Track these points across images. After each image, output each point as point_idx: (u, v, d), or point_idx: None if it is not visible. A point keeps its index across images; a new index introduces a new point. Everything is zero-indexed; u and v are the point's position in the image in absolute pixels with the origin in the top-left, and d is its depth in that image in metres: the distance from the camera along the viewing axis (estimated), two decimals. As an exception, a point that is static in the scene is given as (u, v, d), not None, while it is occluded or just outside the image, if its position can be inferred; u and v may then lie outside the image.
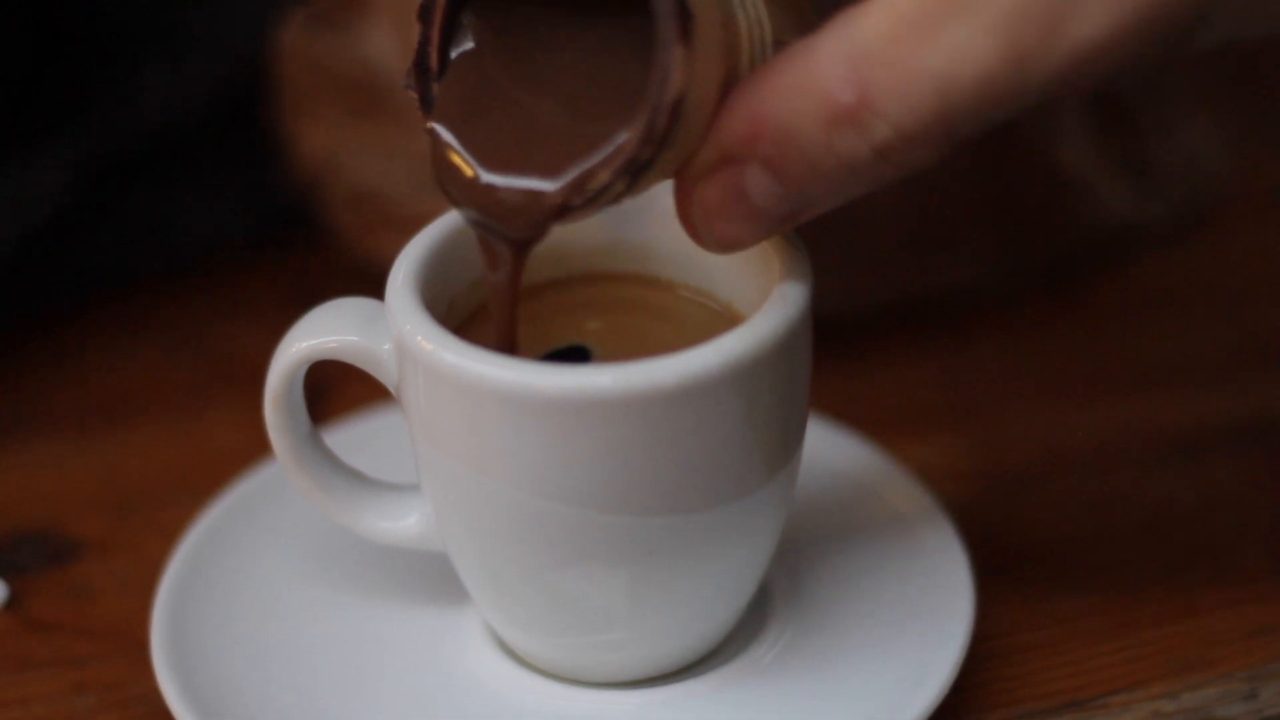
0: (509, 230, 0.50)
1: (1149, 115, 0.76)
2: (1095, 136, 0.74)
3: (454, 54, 0.51)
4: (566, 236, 0.56)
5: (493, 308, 0.52)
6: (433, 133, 0.50)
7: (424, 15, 0.50)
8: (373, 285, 0.56)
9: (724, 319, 0.55)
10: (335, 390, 0.66)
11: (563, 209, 0.49)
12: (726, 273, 0.55)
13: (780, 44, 0.49)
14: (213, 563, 0.59)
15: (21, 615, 0.62)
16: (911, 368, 0.71)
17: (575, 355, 0.55)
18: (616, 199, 0.49)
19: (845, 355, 0.69)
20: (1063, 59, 0.45)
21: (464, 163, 0.50)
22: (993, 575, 0.59)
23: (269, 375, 0.55)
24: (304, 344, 0.54)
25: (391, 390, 0.54)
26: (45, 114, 0.73)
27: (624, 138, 0.48)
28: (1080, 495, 0.65)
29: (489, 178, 0.50)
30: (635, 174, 0.48)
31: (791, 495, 0.55)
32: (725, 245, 0.50)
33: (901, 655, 0.56)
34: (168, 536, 0.61)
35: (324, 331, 0.54)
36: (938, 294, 0.73)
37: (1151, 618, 0.60)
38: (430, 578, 0.58)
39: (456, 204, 0.50)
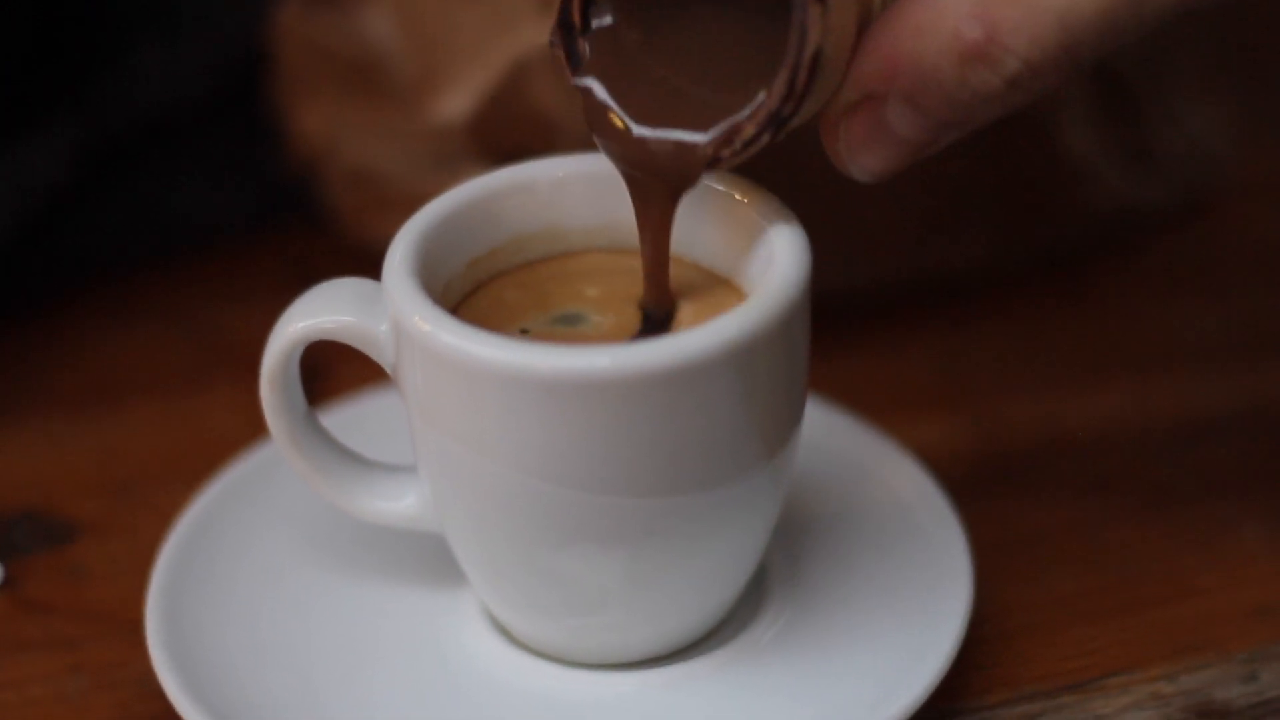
0: (664, 179, 0.52)
1: (1151, 101, 0.76)
2: (1098, 121, 0.74)
3: (594, 11, 0.52)
4: (562, 215, 0.56)
5: (644, 255, 0.54)
6: (586, 91, 0.52)
7: None
8: (370, 266, 0.56)
9: (726, 286, 0.55)
10: (331, 372, 0.66)
11: (714, 160, 0.51)
12: (725, 249, 0.55)
13: None
14: (208, 544, 0.59)
15: (17, 596, 0.62)
16: (911, 350, 0.71)
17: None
18: (760, 149, 0.51)
19: (845, 337, 0.69)
20: None
21: (618, 118, 0.52)
22: (991, 557, 0.59)
23: (265, 355, 0.55)
24: (301, 324, 0.54)
25: (388, 371, 0.54)
26: (43, 96, 0.73)
27: (766, 94, 0.50)
28: (1079, 477, 0.65)
29: (642, 131, 0.52)
30: (779, 126, 0.50)
31: (790, 476, 0.55)
32: (872, 174, 0.52)
33: (900, 637, 0.55)
34: (163, 518, 0.61)
35: (321, 312, 0.54)
36: (938, 276, 0.73)
37: (1150, 600, 0.60)
38: (426, 559, 0.58)
39: (613, 157, 0.53)
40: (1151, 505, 0.63)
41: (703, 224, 0.55)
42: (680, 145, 0.52)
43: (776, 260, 0.52)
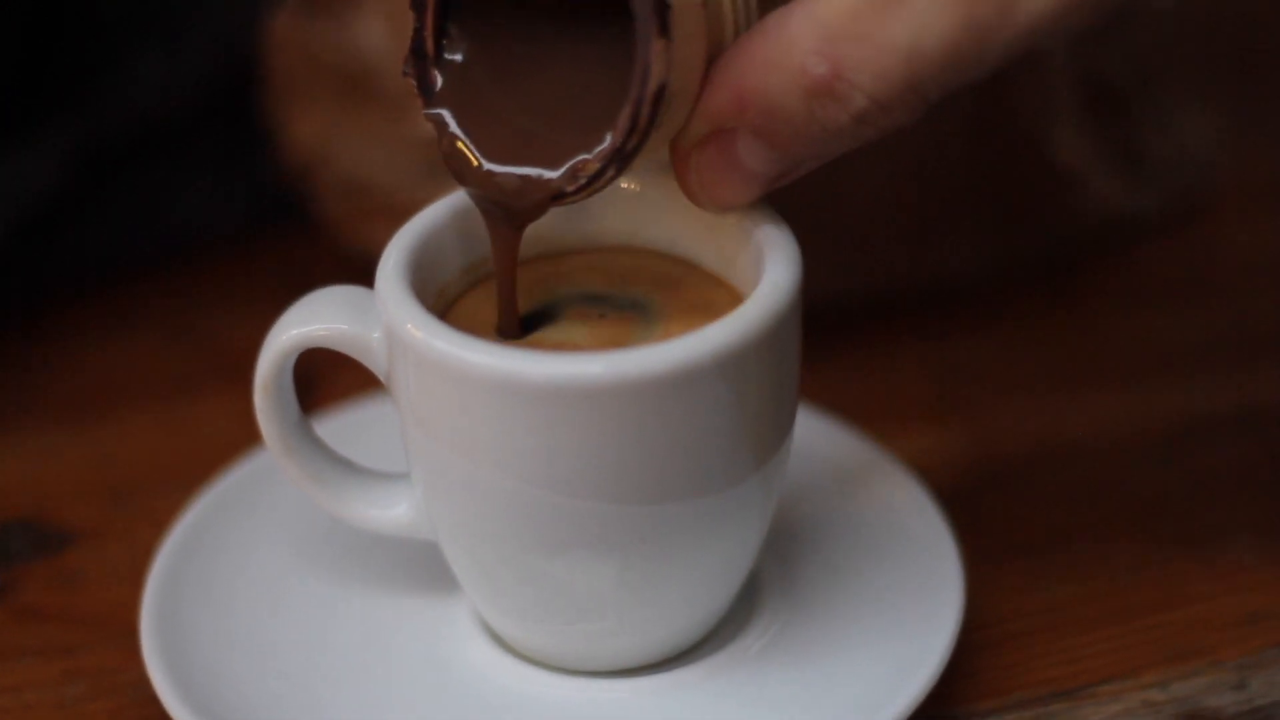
0: (509, 211, 0.53)
1: (1142, 106, 0.76)
2: (1089, 127, 0.74)
3: (448, 43, 0.52)
4: (551, 220, 0.56)
5: (495, 277, 0.54)
6: (436, 120, 0.53)
7: (416, 5, 0.52)
8: (363, 274, 0.56)
9: (717, 284, 0.55)
10: (324, 381, 0.66)
11: (559, 194, 0.51)
12: (717, 255, 0.55)
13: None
14: (203, 551, 0.59)
15: (12, 603, 0.62)
16: (903, 358, 0.71)
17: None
18: (609, 183, 0.51)
19: (836, 345, 0.69)
20: (1020, 30, 0.48)
21: (468, 150, 0.52)
22: (982, 564, 0.59)
23: (259, 362, 0.55)
24: (294, 331, 0.54)
25: (381, 378, 0.54)
26: (38, 101, 0.73)
27: (611, 130, 0.50)
28: (1071, 485, 0.65)
29: (490, 165, 0.52)
30: (624, 161, 0.50)
31: (781, 484, 0.55)
32: (724, 205, 0.52)
33: (891, 644, 0.56)
34: (159, 525, 0.61)
35: (314, 319, 0.54)
36: (930, 284, 0.73)
37: (1141, 607, 0.60)
38: (419, 566, 0.58)
39: (463, 186, 0.53)
40: (1142, 512, 0.64)
41: (693, 227, 0.55)
42: (526, 179, 0.52)
43: (767, 267, 0.52)
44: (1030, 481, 0.65)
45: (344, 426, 0.62)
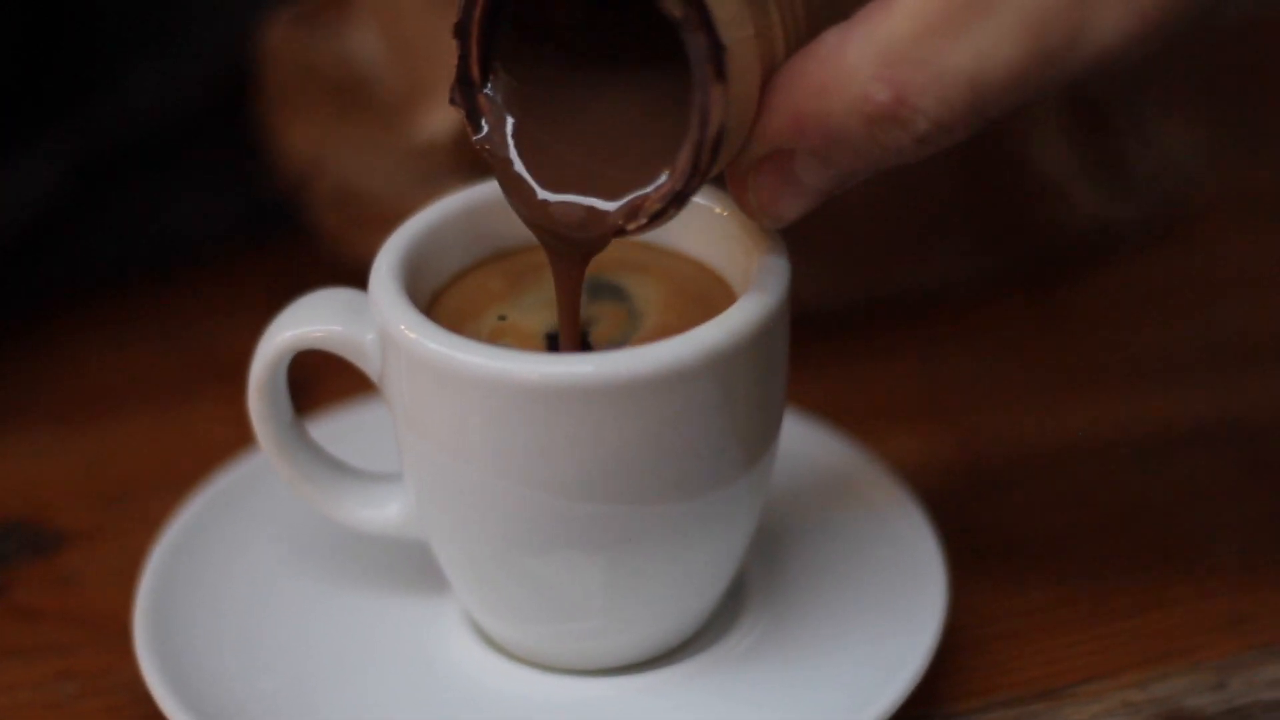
0: (570, 243, 0.52)
1: (1124, 118, 0.76)
2: (1071, 139, 0.75)
3: (494, 72, 0.52)
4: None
5: (558, 307, 0.54)
6: (489, 150, 0.52)
7: (460, 32, 0.51)
8: (357, 282, 0.56)
9: (713, 279, 0.56)
10: (318, 385, 0.67)
11: (619, 230, 0.51)
12: (711, 257, 0.56)
13: (812, 11, 0.51)
14: (196, 552, 0.60)
15: (7, 604, 0.62)
16: (888, 363, 0.72)
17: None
18: (668, 220, 0.51)
19: (823, 350, 0.70)
20: (1088, 58, 0.47)
21: (525, 179, 0.52)
22: (966, 566, 0.59)
23: (253, 363, 0.55)
24: (289, 333, 0.55)
25: (374, 380, 0.55)
26: (34, 110, 0.73)
27: (670, 170, 0.50)
28: (1053, 489, 0.66)
29: (547, 195, 0.52)
30: (685, 200, 0.50)
31: (768, 486, 0.56)
32: (781, 220, 0.52)
33: (875, 644, 0.56)
34: (152, 527, 0.61)
35: (308, 321, 0.55)
36: (915, 291, 0.74)
37: (1122, 609, 0.60)
38: (411, 567, 0.59)
39: (521, 217, 0.53)
40: (1124, 517, 0.64)
41: (686, 228, 0.56)
42: (589, 212, 0.51)
43: (758, 269, 0.53)
44: (1014, 486, 0.66)
45: (337, 428, 0.62)
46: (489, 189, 0.57)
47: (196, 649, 0.57)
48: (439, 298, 0.56)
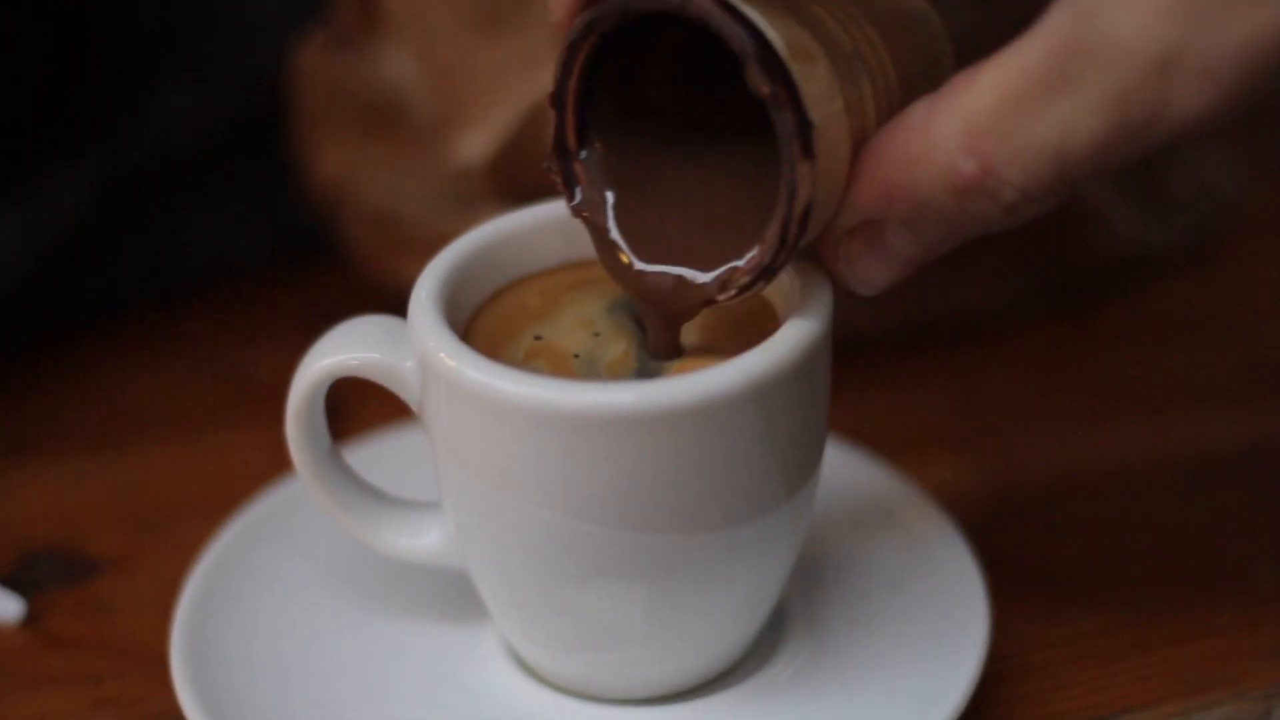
0: (662, 310, 0.53)
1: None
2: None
3: (589, 142, 0.53)
4: (581, 252, 0.56)
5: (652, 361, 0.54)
6: (588, 220, 0.53)
7: (557, 101, 0.52)
8: (389, 306, 0.56)
9: (758, 299, 0.56)
10: (352, 410, 0.67)
11: (710, 301, 0.52)
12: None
13: (905, 80, 0.52)
14: (232, 579, 0.60)
15: (40, 632, 0.62)
16: (927, 390, 0.72)
17: None
18: (759, 291, 0.52)
19: (862, 377, 0.70)
20: (1171, 130, 0.47)
21: (620, 250, 0.53)
22: (1007, 595, 0.59)
23: (291, 391, 0.55)
24: (327, 361, 0.54)
25: (413, 407, 0.54)
26: (66, 135, 0.73)
27: (759, 243, 0.51)
28: (1093, 516, 0.65)
29: (642, 265, 0.53)
30: (774, 273, 0.51)
31: (809, 514, 0.55)
32: (873, 287, 0.53)
33: (917, 674, 0.56)
34: (186, 553, 0.61)
35: (346, 348, 0.55)
36: (954, 317, 0.74)
37: (1164, 637, 0.60)
38: (449, 595, 0.59)
39: (618, 282, 0.54)
40: (1165, 544, 0.64)
41: None
42: (681, 282, 0.53)
43: (800, 296, 0.53)
44: (1053, 513, 0.65)
45: (374, 456, 0.62)
46: (525, 214, 0.57)
47: (233, 678, 0.56)
48: (476, 317, 0.56)
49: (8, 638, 0.62)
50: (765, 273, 0.51)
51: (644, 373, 0.54)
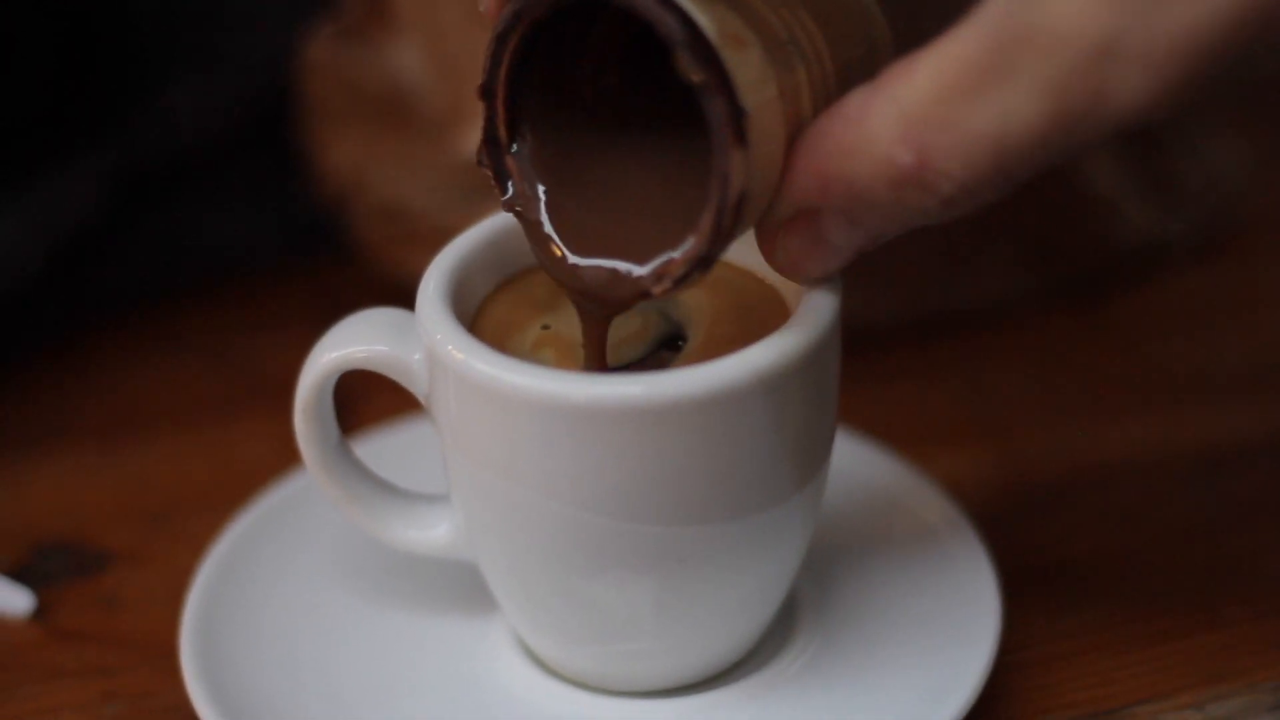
0: (597, 303, 0.53)
1: (1172, 134, 0.76)
2: (1119, 155, 0.75)
3: (520, 133, 0.52)
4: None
5: (585, 352, 0.54)
6: (517, 212, 0.53)
7: (486, 92, 0.51)
8: (399, 299, 0.56)
9: (766, 290, 0.56)
10: (361, 403, 0.67)
11: (645, 294, 0.51)
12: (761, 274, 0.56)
13: (842, 67, 0.51)
14: (242, 572, 0.60)
15: (50, 625, 0.62)
16: (938, 381, 0.71)
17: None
18: (695, 283, 0.51)
19: (873, 368, 0.69)
20: (1111, 119, 0.46)
21: (553, 243, 0.52)
22: (1018, 586, 0.59)
23: (299, 384, 0.55)
24: (335, 353, 0.54)
25: (421, 400, 0.54)
26: (76, 129, 0.74)
27: (694, 234, 0.50)
28: (1105, 508, 0.65)
29: (575, 259, 0.52)
30: (709, 263, 0.50)
31: (819, 506, 0.55)
32: (810, 277, 0.52)
33: (928, 666, 0.56)
34: (196, 547, 0.61)
35: (354, 341, 0.54)
36: (964, 309, 0.73)
37: (1177, 629, 0.60)
38: (459, 587, 0.58)
39: (551, 276, 0.53)
40: (1177, 535, 0.64)
41: (740, 240, 0.55)
42: (615, 274, 0.52)
43: (809, 291, 0.53)
44: (1065, 504, 0.65)
45: (382, 449, 0.62)
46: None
47: (243, 671, 0.56)
48: (483, 309, 0.56)
49: (18, 631, 0.62)
50: (701, 263, 0.50)
51: (649, 360, 0.54)
